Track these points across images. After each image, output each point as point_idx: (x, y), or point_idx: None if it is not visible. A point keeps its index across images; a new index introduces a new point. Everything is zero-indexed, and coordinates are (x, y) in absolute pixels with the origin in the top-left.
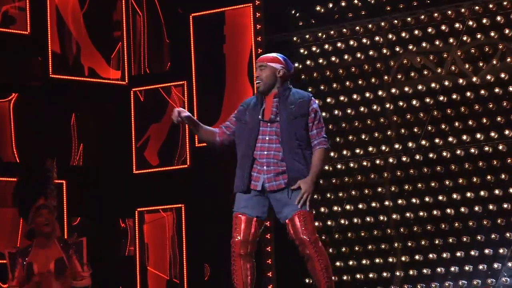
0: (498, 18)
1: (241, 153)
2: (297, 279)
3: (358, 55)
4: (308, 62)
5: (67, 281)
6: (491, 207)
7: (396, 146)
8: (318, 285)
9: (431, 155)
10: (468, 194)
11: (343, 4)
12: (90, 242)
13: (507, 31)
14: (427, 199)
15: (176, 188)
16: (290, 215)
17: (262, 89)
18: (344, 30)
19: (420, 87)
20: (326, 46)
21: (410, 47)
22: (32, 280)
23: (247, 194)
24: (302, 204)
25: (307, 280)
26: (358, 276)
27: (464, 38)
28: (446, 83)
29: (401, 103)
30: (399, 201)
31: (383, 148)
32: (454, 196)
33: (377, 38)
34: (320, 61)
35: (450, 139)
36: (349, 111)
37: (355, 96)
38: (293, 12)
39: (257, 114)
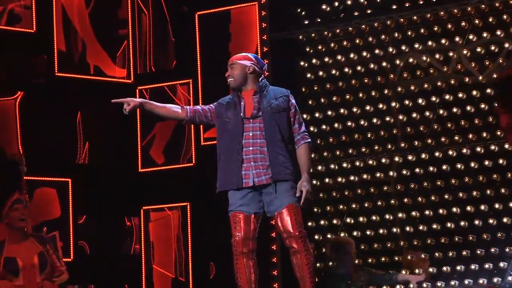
0: (505, 16)
1: (224, 151)
2: None
3: (364, 53)
4: (314, 61)
5: (48, 275)
6: (497, 206)
7: (402, 144)
8: (302, 280)
9: (437, 154)
10: (474, 193)
11: (348, 2)
12: (96, 240)
13: None
14: (433, 197)
15: (181, 186)
16: (280, 208)
17: (233, 85)
18: (350, 28)
19: (426, 85)
20: (332, 45)
21: (416, 45)
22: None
23: (240, 192)
24: (304, 202)
25: None
26: None
27: (470, 37)
28: (452, 81)
29: (407, 102)
30: (405, 200)
31: (389, 146)
32: (460, 194)
33: (383, 37)
34: (326, 59)
35: (456, 137)
36: (355, 109)
37: (361, 95)
38: (298, 10)
39: (239, 112)
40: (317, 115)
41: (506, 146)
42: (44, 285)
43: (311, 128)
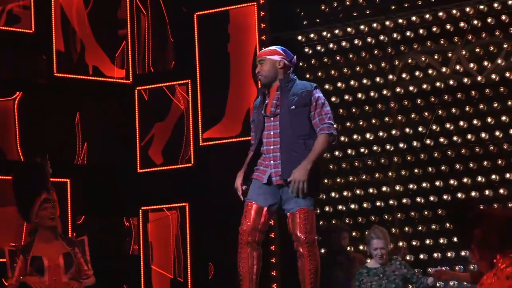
0: (503, 17)
1: (253, 148)
2: None
3: (363, 54)
4: (313, 61)
5: (74, 275)
6: (495, 206)
7: (401, 145)
8: (303, 284)
9: (436, 155)
10: (473, 194)
11: (348, 3)
12: (94, 240)
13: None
14: (431, 198)
15: (180, 186)
16: (293, 209)
17: (264, 81)
18: (349, 29)
19: (425, 86)
20: (331, 45)
21: (415, 46)
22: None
23: (259, 183)
24: (296, 193)
25: None
26: None
27: (469, 37)
28: (451, 82)
29: (406, 102)
30: (404, 200)
31: (388, 147)
32: (459, 195)
33: (382, 37)
34: (325, 60)
35: (455, 138)
36: (354, 110)
37: (360, 95)
38: (297, 11)
39: (262, 110)
40: None
41: (505, 146)
42: (72, 285)
43: None
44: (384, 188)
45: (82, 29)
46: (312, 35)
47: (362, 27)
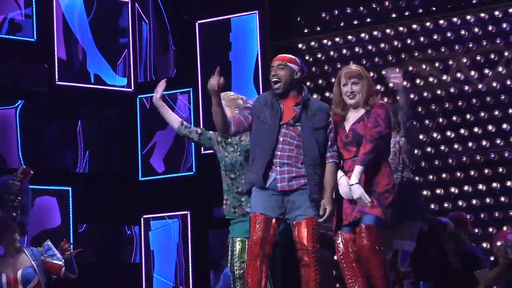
0: (504, 25)
1: (259, 152)
2: None
3: (364, 62)
4: (314, 69)
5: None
6: (496, 214)
7: None
8: None
9: (436, 162)
10: (474, 201)
11: (348, 11)
12: (96, 248)
13: None
14: (432, 206)
15: (181, 195)
16: (299, 218)
17: (281, 90)
18: (350, 37)
19: (425, 94)
20: (332, 53)
21: (416, 54)
22: None
23: (265, 194)
24: (324, 220)
25: None
26: None
27: (470, 45)
28: (452, 90)
29: None
30: None
31: None
32: (460, 203)
33: (382, 45)
34: (326, 68)
35: (456, 146)
36: None
37: None
38: (298, 19)
39: (277, 115)
40: None
41: (506, 154)
42: None
43: None
44: None
45: (83, 37)
46: (312, 43)
47: (362, 35)
